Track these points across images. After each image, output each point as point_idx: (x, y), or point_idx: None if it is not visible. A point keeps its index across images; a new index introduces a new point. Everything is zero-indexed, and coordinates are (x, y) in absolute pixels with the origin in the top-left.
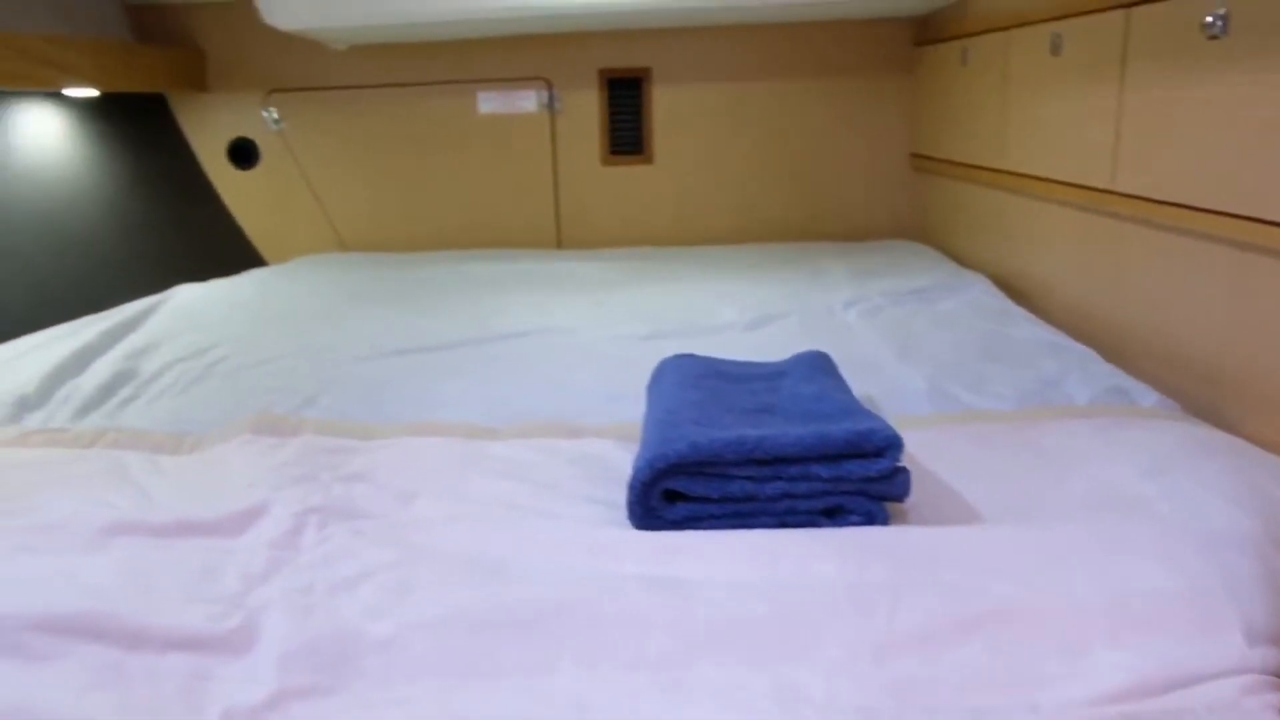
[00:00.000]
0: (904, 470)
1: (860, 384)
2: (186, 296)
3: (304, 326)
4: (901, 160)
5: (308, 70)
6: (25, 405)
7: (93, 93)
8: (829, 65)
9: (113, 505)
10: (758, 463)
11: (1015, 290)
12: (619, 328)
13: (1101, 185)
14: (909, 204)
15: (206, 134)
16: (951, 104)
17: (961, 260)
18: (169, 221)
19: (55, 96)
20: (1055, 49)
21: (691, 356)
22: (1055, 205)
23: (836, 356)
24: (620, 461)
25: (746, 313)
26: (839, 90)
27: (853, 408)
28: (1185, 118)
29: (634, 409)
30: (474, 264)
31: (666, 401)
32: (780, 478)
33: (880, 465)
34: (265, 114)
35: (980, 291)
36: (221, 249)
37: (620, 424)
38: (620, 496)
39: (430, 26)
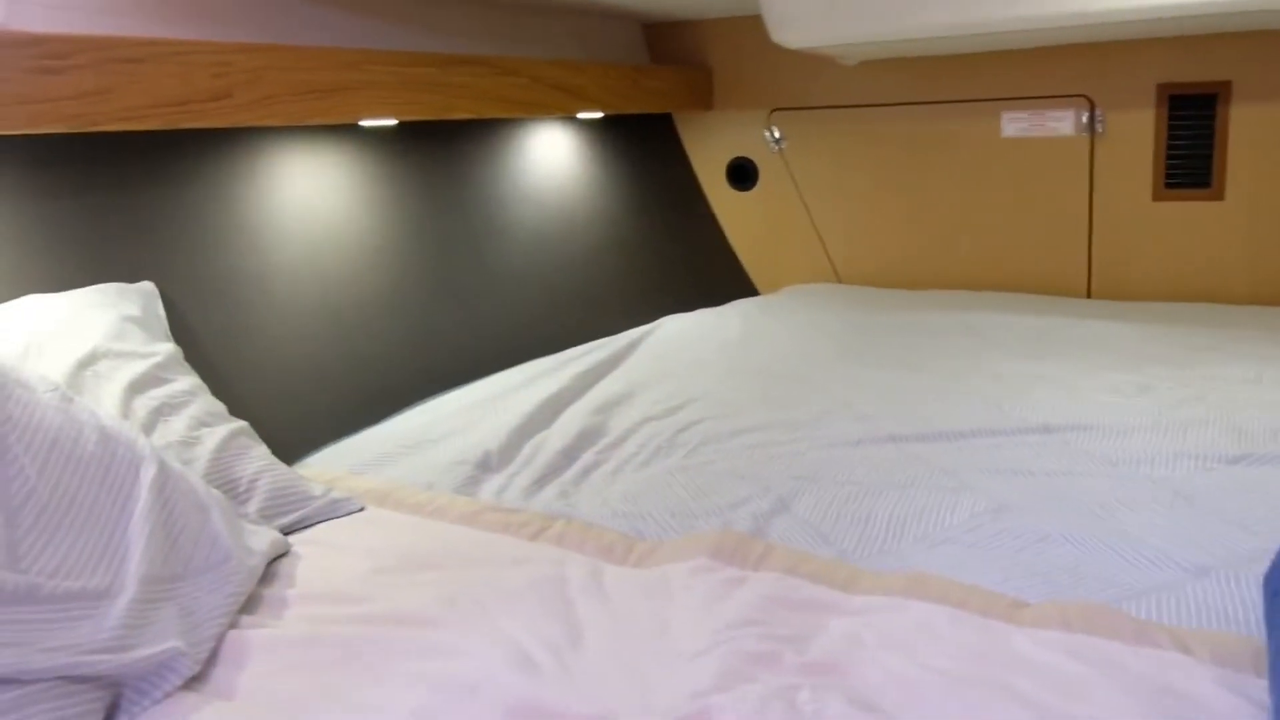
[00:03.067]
0: None
1: None
2: (671, 330)
3: (785, 385)
4: None
5: (813, 87)
6: (488, 465)
7: (599, 115)
8: None
9: (533, 662)
10: None
11: None
12: (1185, 436)
13: None
14: None
15: (707, 153)
16: None
17: None
18: (666, 241)
19: (566, 117)
20: None
21: None
22: None
23: None
24: (1227, 708)
25: None
26: None
27: None
28: None
29: (1233, 599)
30: (983, 313)
31: None
32: None
33: None
34: (767, 133)
35: None
36: (714, 272)
37: (1208, 631)
38: None
39: (955, 39)
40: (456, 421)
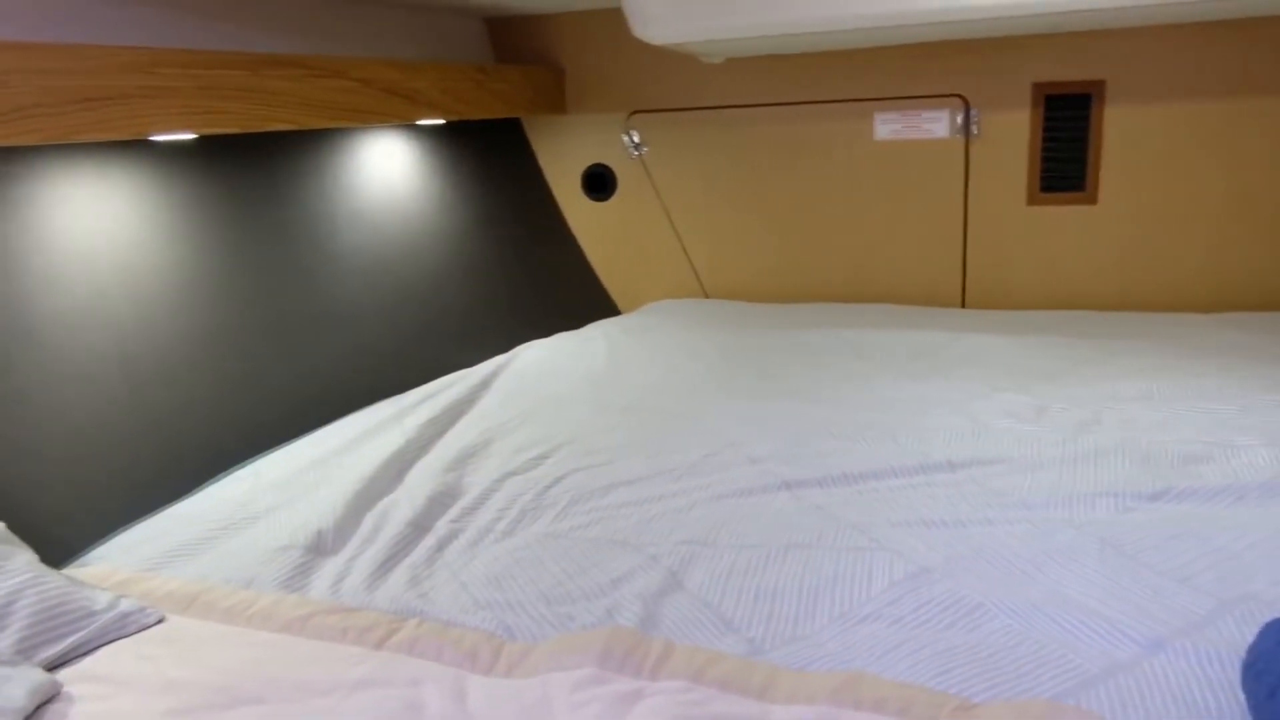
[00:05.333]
0: None
1: None
2: (528, 361)
3: (661, 424)
4: None
5: (674, 87)
6: (321, 548)
7: (439, 121)
8: None
9: None
10: None
11: None
12: (1095, 469)
13: None
14: None
15: (561, 161)
16: None
17: None
18: (518, 259)
19: (402, 125)
20: None
21: None
22: None
23: None
24: None
25: None
26: None
27: None
28: None
29: (1197, 679)
30: (862, 330)
31: None
32: None
33: None
34: (625, 138)
35: None
36: (571, 291)
37: None
38: None
39: (825, 36)
40: (281, 492)
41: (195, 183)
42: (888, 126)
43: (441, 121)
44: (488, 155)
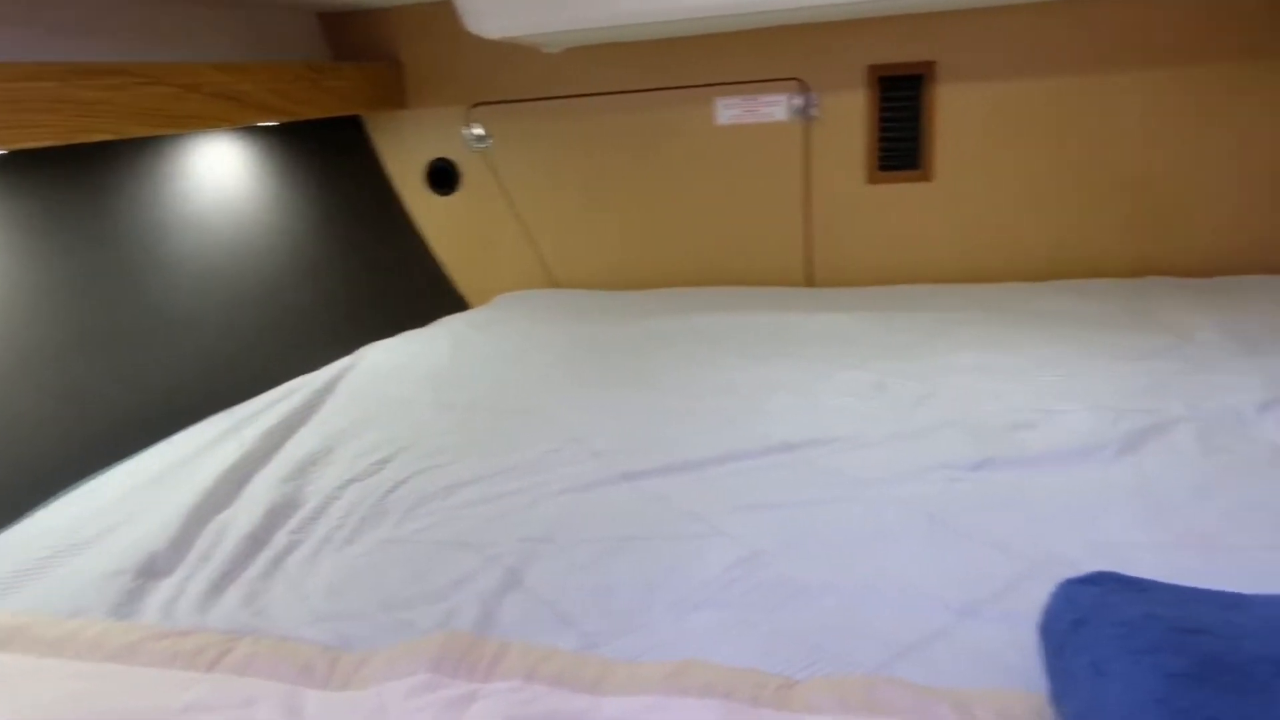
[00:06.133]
0: None
1: None
2: (372, 362)
3: (506, 420)
4: (1276, 169)
5: (515, 78)
6: (153, 570)
7: (272, 123)
8: (1180, 48)
9: None
10: None
11: None
12: (926, 443)
13: None
14: None
15: (404, 156)
16: None
17: None
18: (362, 258)
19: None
20: None
21: (1118, 588)
22: None
23: None
24: None
25: (1106, 416)
26: (1195, 80)
27: None
28: None
29: (1008, 644)
30: (710, 314)
31: (1119, 695)
32: None
33: None
34: (467, 131)
35: None
36: (419, 288)
37: (989, 690)
38: None
39: (662, 24)
40: (113, 515)
41: (7, 196)
42: (729, 111)
43: (274, 123)
44: (327, 153)
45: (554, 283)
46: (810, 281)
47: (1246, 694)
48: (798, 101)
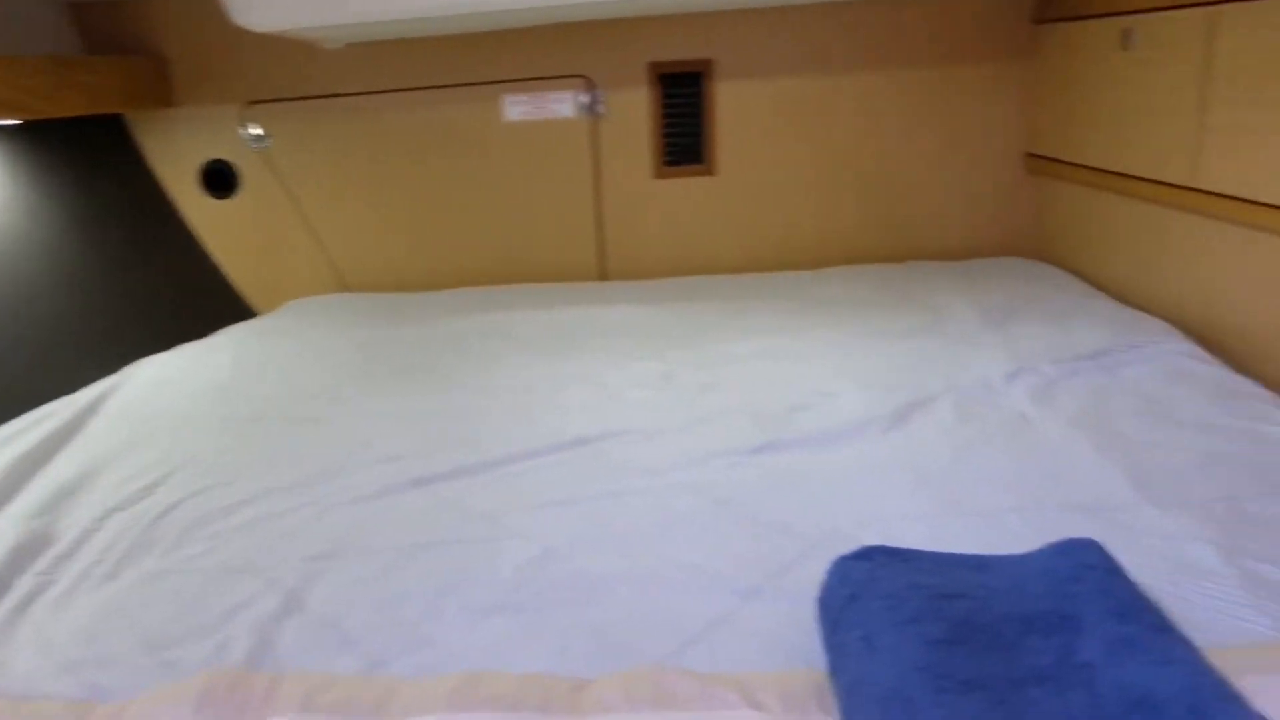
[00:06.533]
0: None
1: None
2: (144, 379)
3: (291, 433)
4: (1014, 162)
5: (295, 75)
6: None
7: (15, 121)
8: (928, 50)
9: None
10: None
11: (1209, 342)
12: (711, 431)
13: None
14: (1024, 214)
15: (175, 158)
16: (1101, 98)
17: (1100, 285)
18: (126, 269)
19: None
20: None
21: (886, 561)
22: None
23: (1033, 479)
24: None
25: (876, 394)
26: (937, 80)
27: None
28: None
29: (790, 624)
30: (506, 312)
31: (886, 666)
32: None
33: None
34: (243, 130)
35: (1177, 352)
36: (198, 297)
37: (772, 673)
38: None
39: (444, 20)
40: None
41: None
42: (517, 108)
43: (18, 122)
44: (82, 155)
45: (346, 286)
46: (604, 276)
47: (996, 652)
48: (584, 98)
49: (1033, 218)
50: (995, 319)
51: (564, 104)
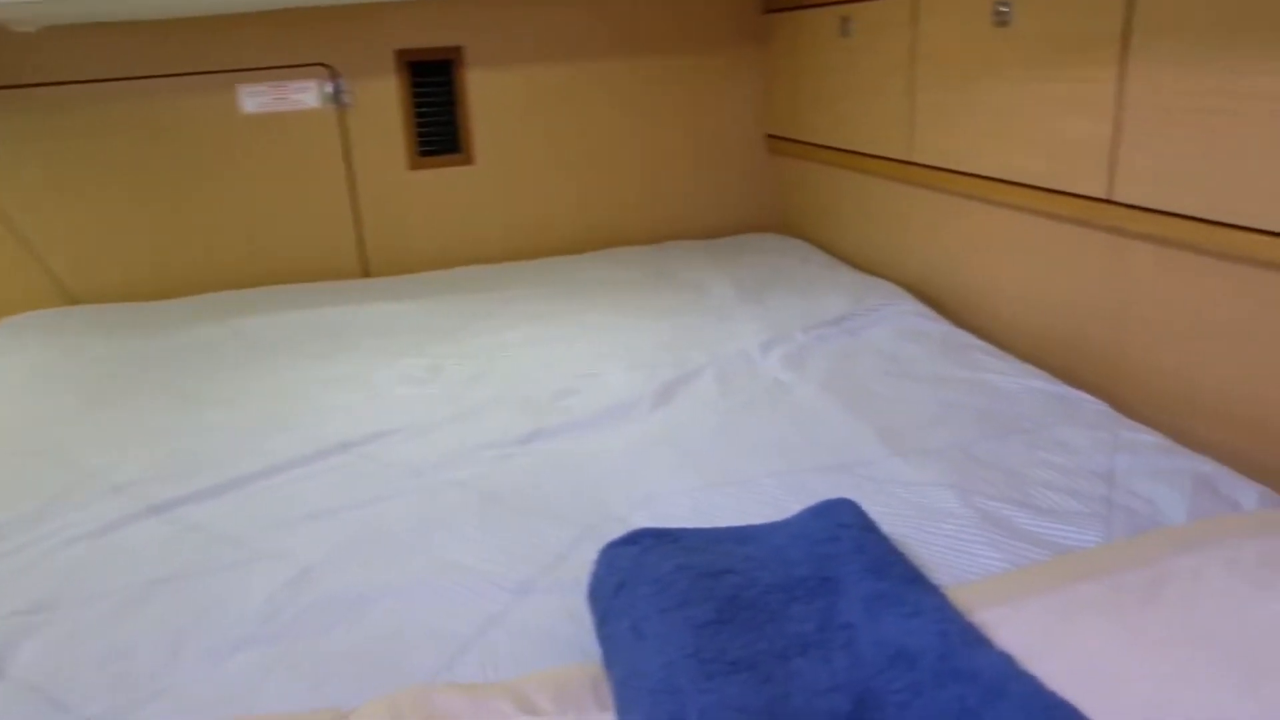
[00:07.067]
0: None
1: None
2: None
3: (2, 470)
4: (756, 143)
5: None
6: None
7: None
8: (670, 39)
9: None
10: None
11: (934, 300)
12: (479, 423)
13: (1095, 193)
14: (769, 191)
15: None
16: (826, 82)
17: (839, 255)
18: None
19: None
20: (1001, 20)
21: (654, 544)
22: (996, 208)
23: (791, 443)
24: None
25: (641, 373)
26: (681, 66)
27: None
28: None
29: (561, 619)
30: (260, 316)
31: (655, 655)
32: None
33: None
34: None
35: (909, 312)
36: None
37: (546, 671)
38: None
39: (154, 4)
40: None
41: None
42: (255, 99)
43: None
44: None
45: (73, 300)
46: (367, 272)
47: (761, 627)
48: (329, 88)
49: (777, 195)
50: (751, 292)
51: (307, 94)
